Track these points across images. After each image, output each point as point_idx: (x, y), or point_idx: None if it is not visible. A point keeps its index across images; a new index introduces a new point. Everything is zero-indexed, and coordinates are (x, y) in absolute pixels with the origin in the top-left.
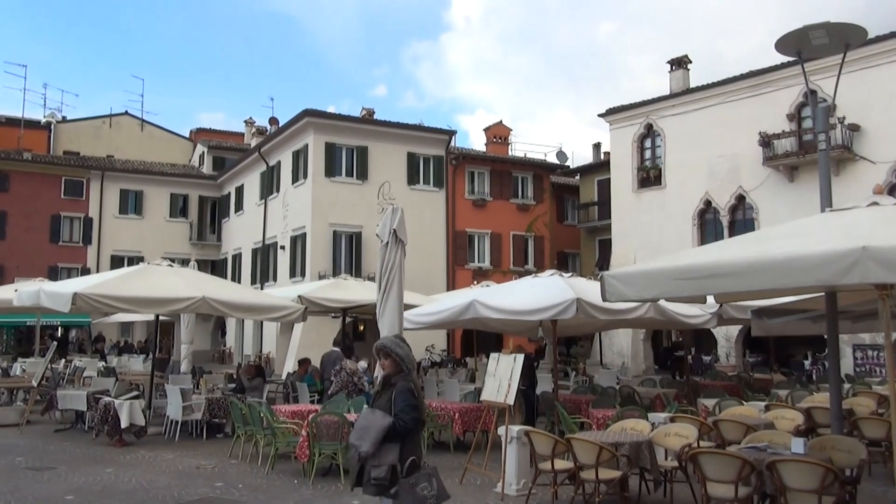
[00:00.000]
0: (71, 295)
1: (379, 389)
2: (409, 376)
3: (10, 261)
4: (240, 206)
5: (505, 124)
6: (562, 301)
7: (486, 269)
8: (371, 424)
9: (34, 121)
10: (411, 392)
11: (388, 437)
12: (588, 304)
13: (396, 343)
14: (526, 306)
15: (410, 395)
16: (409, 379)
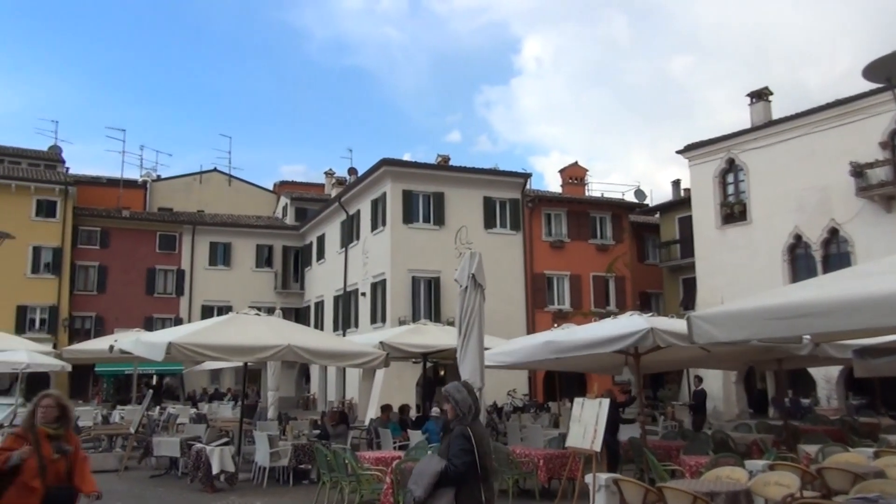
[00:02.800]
0: (165, 344)
1: (442, 435)
2: (464, 420)
3: (109, 313)
4: (322, 255)
5: (580, 165)
6: (636, 330)
7: (567, 311)
8: (426, 470)
9: (132, 180)
10: (465, 437)
11: (441, 482)
12: (665, 333)
13: (456, 388)
14: (599, 337)
15: (464, 440)
16: (465, 423)
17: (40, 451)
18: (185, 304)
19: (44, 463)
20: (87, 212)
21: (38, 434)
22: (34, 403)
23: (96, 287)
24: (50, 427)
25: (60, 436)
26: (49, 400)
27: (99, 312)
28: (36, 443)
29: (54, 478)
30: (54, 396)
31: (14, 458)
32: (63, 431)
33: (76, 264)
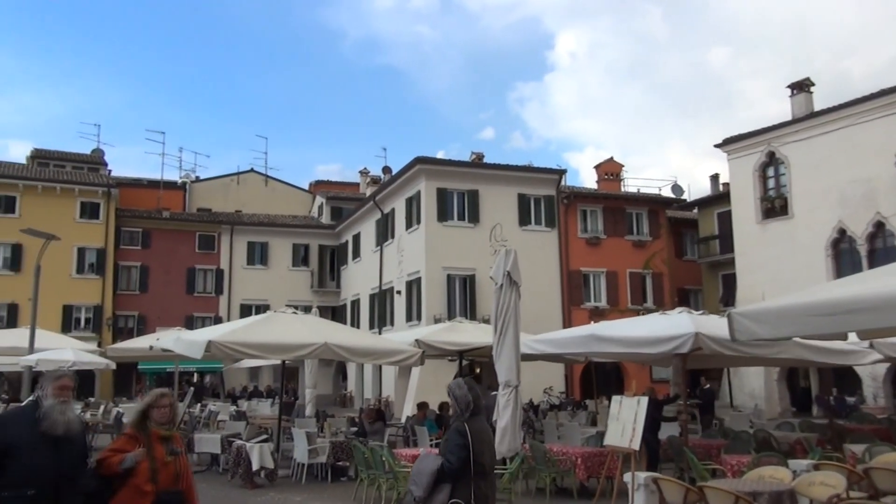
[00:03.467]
0: (205, 343)
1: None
2: (461, 417)
3: (151, 312)
4: (357, 254)
5: (616, 160)
6: (679, 334)
7: (603, 308)
8: (424, 469)
9: (172, 182)
10: (460, 433)
11: (439, 479)
12: (710, 338)
13: (457, 384)
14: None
15: (459, 435)
16: (462, 419)
17: (153, 454)
18: (224, 303)
19: (156, 466)
20: (128, 213)
21: (151, 435)
22: (148, 403)
23: (138, 287)
24: (163, 428)
25: (171, 437)
26: (166, 400)
27: (141, 311)
28: (149, 445)
29: (166, 481)
30: (170, 396)
31: (128, 460)
32: (173, 433)
33: (119, 264)
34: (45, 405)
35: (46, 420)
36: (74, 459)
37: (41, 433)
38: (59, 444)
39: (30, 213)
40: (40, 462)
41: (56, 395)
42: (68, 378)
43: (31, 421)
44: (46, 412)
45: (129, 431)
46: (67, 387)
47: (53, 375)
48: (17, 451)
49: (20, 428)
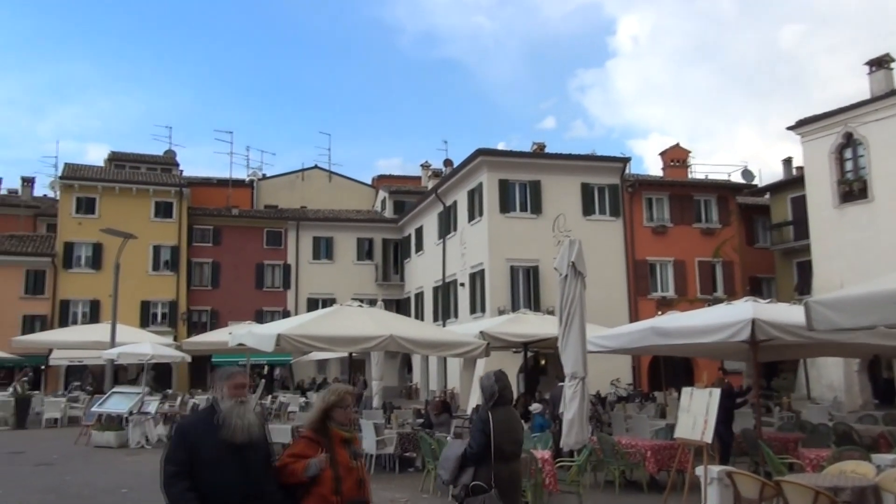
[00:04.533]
0: (275, 336)
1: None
2: (485, 406)
3: (223, 306)
4: (420, 247)
5: (682, 146)
6: (735, 321)
7: (671, 298)
8: (450, 455)
9: (240, 180)
10: (482, 420)
11: (464, 463)
12: (769, 324)
13: (486, 376)
14: (699, 327)
15: (480, 422)
16: (485, 408)
17: (336, 459)
18: (291, 297)
19: (340, 473)
20: (199, 211)
21: (333, 438)
22: (332, 402)
23: (210, 282)
24: (344, 430)
25: (352, 439)
26: (350, 398)
27: (213, 306)
28: (331, 448)
29: (351, 490)
30: (353, 395)
31: (312, 466)
32: (353, 434)
33: (192, 261)
34: (223, 409)
35: (225, 427)
36: (260, 469)
37: (224, 442)
38: (242, 454)
39: (108, 214)
40: (224, 477)
41: (232, 396)
42: (242, 375)
43: (210, 429)
44: (224, 417)
45: (308, 434)
46: (243, 385)
47: (226, 374)
48: (199, 467)
49: (201, 438)
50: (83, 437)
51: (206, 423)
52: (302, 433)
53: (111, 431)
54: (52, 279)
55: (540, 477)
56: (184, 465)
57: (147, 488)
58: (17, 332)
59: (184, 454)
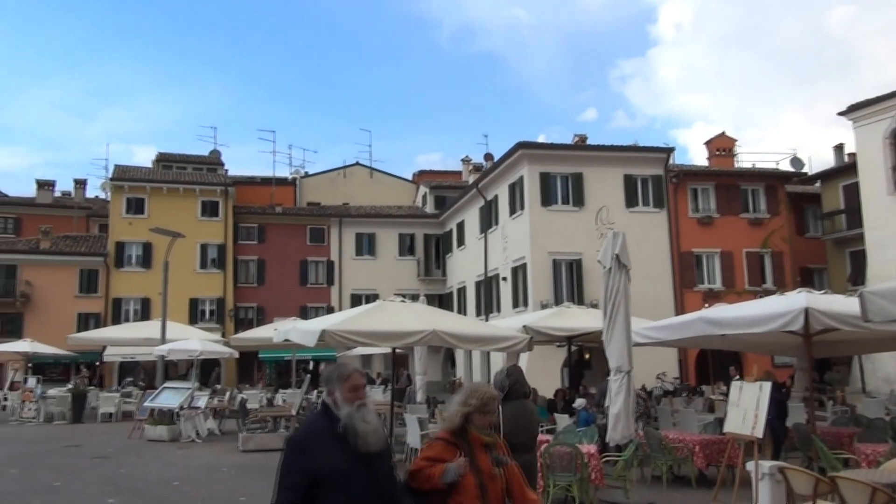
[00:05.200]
0: (319, 332)
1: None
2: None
3: (268, 303)
4: (462, 242)
5: (728, 135)
6: (788, 310)
7: (718, 290)
8: None
9: (283, 178)
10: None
11: None
12: (825, 315)
13: (499, 372)
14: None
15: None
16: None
17: (477, 464)
18: (335, 293)
19: (483, 480)
20: (244, 210)
21: (472, 441)
22: (475, 407)
23: (256, 279)
24: (485, 433)
25: (495, 444)
26: (494, 403)
27: (259, 303)
28: (470, 453)
29: (496, 500)
30: (496, 396)
31: (450, 472)
32: (496, 439)
33: (238, 259)
34: (343, 415)
35: (351, 434)
36: (390, 478)
37: (351, 452)
38: (372, 464)
39: (157, 213)
40: (355, 494)
41: (350, 400)
42: (359, 374)
43: (332, 439)
44: (348, 424)
45: (445, 436)
46: (360, 385)
47: (340, 373)
48: (324, 487)
49: (323, 452)
50: (136, 431)
51: (325, 433)
52: (438, 435)
53: (163, 426)
54: (104, 278)
55: (586, 471)
56: (304, 490)
57: (197, 481)
58: (72, 329)
59: (303, 476)
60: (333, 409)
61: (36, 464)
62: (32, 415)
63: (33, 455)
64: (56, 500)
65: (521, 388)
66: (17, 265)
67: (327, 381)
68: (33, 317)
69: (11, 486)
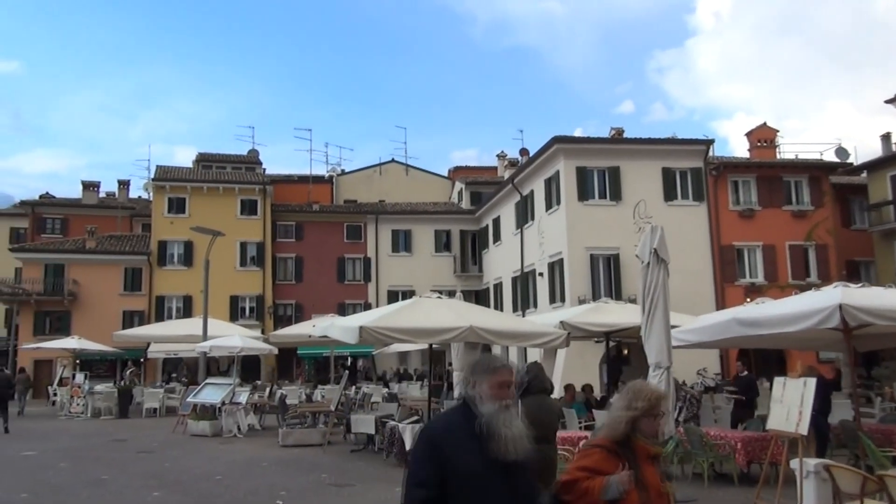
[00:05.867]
0: (357, 328)
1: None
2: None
3: (307, 300)
4: (498, 237)
5: (769, 126)
6: (821, 308)
7: (760, 284)
8: None
9: (319, 176)
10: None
11: None
12: (860, 311)
13: (521, 368)
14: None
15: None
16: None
17: (642, 478)
18: (372, 290)
19: (649, 497)
20: (282, 208)
21: (637, 451)
22: (643, 409)
23: (294, 277)
24: (652, 442)
25: (660, 454)
26: (659, 393)
27: (298, 300)
28: (635, 465)
29: None
30: (663, 395)
31: (612, 486)
32: (661, 449)
33: (276, 256)
34: (484, 413)
35: (493, 439)
36: (531, 492)
37: (489, 457)
38: (511, 473)
39: (197, 213)
40: (495, 501)
41: (496, 397)
42: (507, 370)
43: (469, 438)
44: (489, 426)
45: (606, 443)
46: (508, 383)
47: (487, 367)
48: (456, 488)
49: (458, 450)
50: (180, 426)
51: (462, 431)
52: (596, 442)
53: (206, 421)
54: (147, 276)
55: None
56: (436, 488)
57: (239, 475)
58: (117, 326)
59: (435, 470)
60: (474, 404)
61: (85, 457)
62: (80, 410)
63: (82, 449)
64: (104, 494)
65: (539, 383)
66: (64, 264)
67: (472, 373)
68: (80, 314)
69: (62, 479)
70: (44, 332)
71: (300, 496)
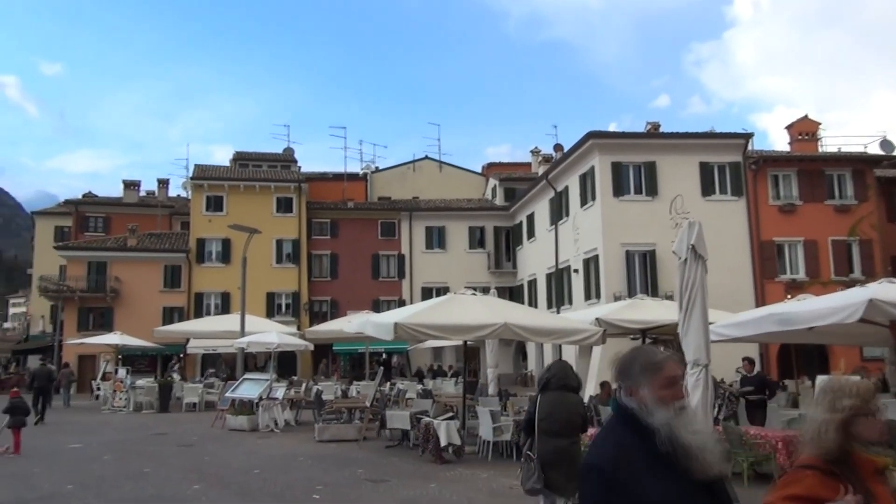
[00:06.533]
0: (392, 325)
1: None
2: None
3: (342, 297)
4: (532, 234)
5: (811, 118)
6: (849, 304)
7: (802, 280)
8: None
9: (354, 173)
10: (531, 401)
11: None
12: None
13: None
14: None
15: (530, 402)
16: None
17: (874, 501)
18: (406, 287)
19: None
20: (317, 205)
21: (859, 466)
22: (847, 407)
23: (329, 273)
24: (876, 451)
25: (888, 467)
26: (869, 385)
27: (333, 296)
28: (861, 485)
29: None
30: (873, 387)
31: None
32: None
33: (311, 253)
34: (659, 424)
35: (682, 454)
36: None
37: (684, 480)
38: (713, 492)
39: (234, 211)
40: None
41: (666, 400)
42: (673, 361)
43: (653, 458)
44: (672, 439)
45: (816, 462)
46: (677, 378)
47: (648, 362)
48: None
49: (649, 478)
50: (219, 421)
51: (639, 453)
52: (804, 462)
53: (243, 416)
54: (187, 273)
55: None
56: None
57: (276, 469)
58: (158, 323)
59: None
60: (640, 415)
61: (127, 450)
62: (123, 404)
63: (125, 442)
64: (146, 486)
65: (558, 380)
66: (107, 262)
67: (626, 375)
68: (122, 311)
69: (106, 471)
70: (87, 327)
71: (336, 491)
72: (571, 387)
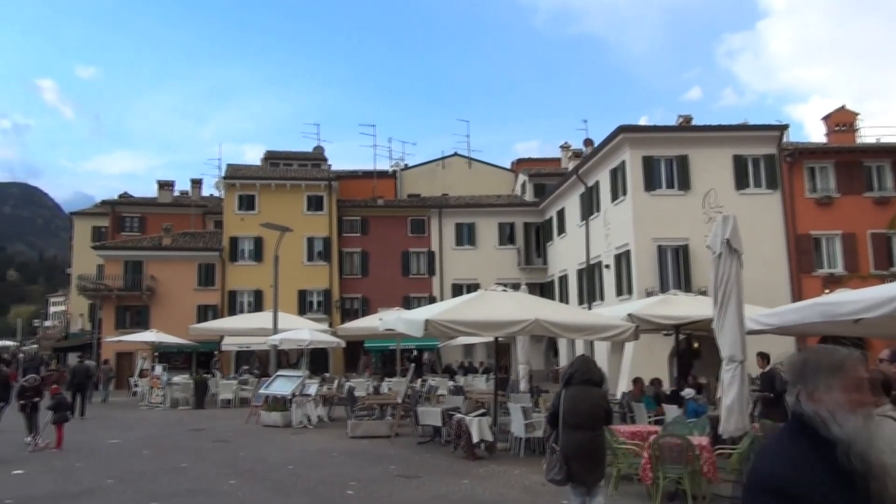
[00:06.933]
0: (423, 322)
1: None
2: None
3: (372, 294)
4: (562, 229)
5: (848, 108)
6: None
7: (840, 275)
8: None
9: (383, 171)
10: (556, 395)
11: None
12: None
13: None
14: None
15: (555, 397)
16: (560, 387)
17: None
18: (436, 284)
19: None
20: (347, 203)
21: None
22: None
23: (360, 271)
24: None
25: None
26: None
27: (364, 294)
28: None
29: None
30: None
31: None
32: None
33: (342, 251)
34: (846, 435)
35: (871, 473)
36: None
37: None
38: None
39: (266, 209)
40: None
41: (854, 406)
42: (858, 361)
43: (836, 475)
44: (861, 454)
45: None
46: (864, 380)
47: (830, 363)
48: None
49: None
50: (253, 417)
51: (819, 468)
52: None
53: (277, 412)
54: (220, 272)
55: (698, 464)
56: None
57: (310, 465)
58: (193, 320)
59: None
60: (821, 424)
61: (165, 446)
62: (160, 400)
63: (162, 438)
64: (183, 480)
65: (581, 375)
66: (142, 261)
67: (805, 378)
68: (158, 309)
69: (145, 466)
70: (124, 325)
71: (369, 487)
72: (594, 381)
